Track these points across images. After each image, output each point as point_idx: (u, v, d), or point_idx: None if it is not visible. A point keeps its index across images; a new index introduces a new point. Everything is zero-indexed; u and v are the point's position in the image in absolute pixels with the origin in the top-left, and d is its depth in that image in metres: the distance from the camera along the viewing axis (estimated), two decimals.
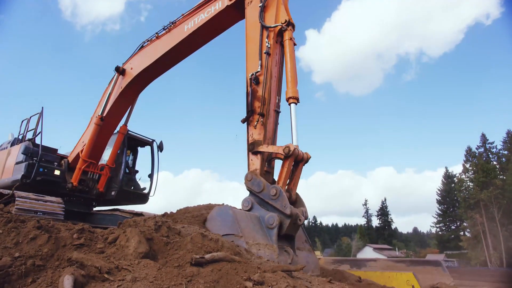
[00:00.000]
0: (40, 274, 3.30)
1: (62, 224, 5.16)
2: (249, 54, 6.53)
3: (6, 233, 3.71)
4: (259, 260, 5.07)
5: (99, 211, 10.66)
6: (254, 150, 6.05)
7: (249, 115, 6.23)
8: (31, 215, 7.54)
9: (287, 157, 5.72)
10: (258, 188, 5.75)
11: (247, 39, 6.69)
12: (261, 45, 6.29)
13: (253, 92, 6.21)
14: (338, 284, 4.62)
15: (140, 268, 3.49)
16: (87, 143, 9.15)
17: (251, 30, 6.66)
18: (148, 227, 4.55)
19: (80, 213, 9.97)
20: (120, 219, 9.76)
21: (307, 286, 4.23)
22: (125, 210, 9.99)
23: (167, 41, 8.26)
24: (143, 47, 8.87)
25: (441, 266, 12.06)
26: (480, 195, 48.05)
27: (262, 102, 6.14)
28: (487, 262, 46.41)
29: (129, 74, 9.00)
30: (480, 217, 49.39)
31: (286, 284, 3.83)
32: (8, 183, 8.78)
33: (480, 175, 49.29)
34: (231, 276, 3.71)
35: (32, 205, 7.92)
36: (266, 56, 6.23)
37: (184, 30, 7.90)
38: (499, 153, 55.76)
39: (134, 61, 9.03)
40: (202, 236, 4.53)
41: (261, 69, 6.21)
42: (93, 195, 9.80)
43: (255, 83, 6.19)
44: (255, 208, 5.78)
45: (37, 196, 8.13)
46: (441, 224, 65.65)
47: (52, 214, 8.13)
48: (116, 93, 9.06)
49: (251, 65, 6.43)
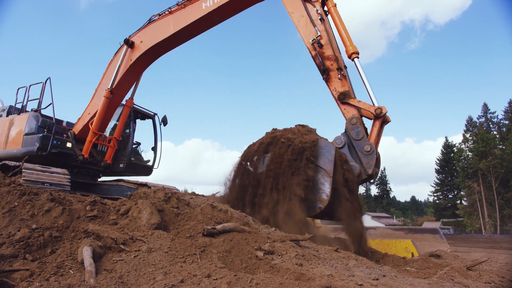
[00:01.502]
0: (58, 245, 3.39)
1: (73, 196, 5.26)
2: (300, 24, 7.08)
3: (22, 205, 3.78)
4: (267, 230, 5.20)
5: (104, 181, 10.80)
6: (345, 100, 6.56)
7: (326, 73, 6.82)
8: (38, 186, 7.68)
9: (378, 117, 6.23)
10: (356, 136, 6.27)
11: (290, 12, 7.22)
12: (309, 15, 6.98)
13: (320, 54, 6.84)
14: (344, 252, 4.76)
15: (154, 239, 3.58)
16: (97, 116, 9.01)
17: (291, 5, 7.24)
18: (158, 199, 4.63)
19: (86, 184, 10.11)
20: (125, 190, 9.91)
21: (315, 255, 4.36)
22: (129, 180, 10.12)
23: (182, 18, 8.22)
24: (154, 21, 8.72)
25: (439, 233, 12.38)
26: (479, 164, 48.51)
27: (334, 60, 6.79)
28: (481, 229, 47.73)
29: (139, 47, 8.88)
30: (477, 186, 50.19)
31: (296, 253, 3.96)
32: (17, 154, 8.68)
33: (480, 145, 49.44)
34: (242, 246, 3.82)
35: (39, 176, 7.99)
36: (322, 22, 6.92)
37: (202, 8, 7.90)
38: (499, 123, 55.69)
39: (144, 34, 8.87)
40: (212, 207, 4.62)
41: (322, 33, 6.82)
42: (101, 167, 9.87)
43: (319, 46, 6.82)
44: (344, 149, 6.28)
45: (44, 167, 8.19)
46: (438, 193, 66.77)
47: (59, 185, 8.22)
48: (125, 66, 8.94)
49: (305, 32, 7.01)
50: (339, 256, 4.54)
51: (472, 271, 4.98)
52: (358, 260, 4.52)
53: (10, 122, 9.26)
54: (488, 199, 49.16)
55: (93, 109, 9.31)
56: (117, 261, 3.05)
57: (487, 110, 56.12)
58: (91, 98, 9.59)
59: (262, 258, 3.65)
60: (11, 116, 9.46)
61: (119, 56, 9.07)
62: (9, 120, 9.32)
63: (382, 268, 4.06)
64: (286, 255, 3.83)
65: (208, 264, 3.19)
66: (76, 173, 9.59)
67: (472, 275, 4.71)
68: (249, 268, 3.47)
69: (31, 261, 3.01)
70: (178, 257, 3.29)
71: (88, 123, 9.27)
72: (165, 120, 10.94)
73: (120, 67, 8.93)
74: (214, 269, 3.06)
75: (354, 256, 4.69)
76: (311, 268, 3.67)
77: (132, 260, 3.08)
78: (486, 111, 56.04)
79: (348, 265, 4.22)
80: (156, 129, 11.28)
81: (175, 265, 3.13)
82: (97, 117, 9.00)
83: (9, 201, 3.82)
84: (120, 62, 8.89)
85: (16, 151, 8.71)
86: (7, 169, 8.60)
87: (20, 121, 9.04)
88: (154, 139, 11.37)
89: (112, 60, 9.40)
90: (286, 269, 3.42)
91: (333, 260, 4.35)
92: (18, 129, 8.99)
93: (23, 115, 9.12)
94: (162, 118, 10.99)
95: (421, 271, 5.41)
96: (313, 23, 6.92)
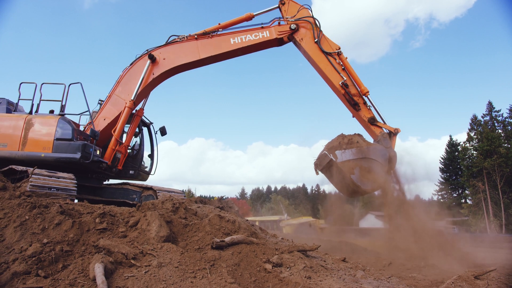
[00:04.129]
0: (69, 259, 3.43)
1: (81, 205, 5.29)
2: (327, 70, 9.40)
3: (32, 219, 3.82)
4: (274, 239, 5.22)
5: (110, 185, 10.88)
6: (374, 122, 9.23)
7: (355, 106, 9.27)
8: (45, 191, 7.71)
9: (395, 134, 9.24)
10: (386, 144, 8.94)
11: (318, 62, 9.48)
12: (332, 63, 9.39)
13: (348, 93, 9.26)
14: (351, 263, 4.76)
15: (164, 253, 3.61)
16: (120, 125, 9.20)
17: (316, 55, 9.49)
18: (166, 209, 4.66)
19: (92, 188, 10.18)
20: (130, 193, 9.98)
21: (322, 266, 4.38)
22: (135, 184, 10.20)
23: (210, 47, 9.56)
24: (177, 42, 9.65)
25: None
26: (484, 163, 48.21)
27: (359, 95, 9.32)
28: (486, 228, 47.45)
29: (163, 64, 9.54)
30: (482, 185, 49.87)
31: (304, 265, 3.97)
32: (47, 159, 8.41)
33: (485, 143, 49.13)
34: (251, 259, 3.85)
35: (46, 181, 7.99)
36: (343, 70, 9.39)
37: (230, 43, 9.50)
38: (505, 121, 55.21)
39: (166, 52, 9.56)
40: (219, 218, 4.64)
41: (347, 77, 9.30)
42: (113, 172, 9.96)
43: (346, 87, 9.26)
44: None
45: (50, 172, 8.17)
46: (443, 192, 66.44)
47: (65, 190, 8.22)
48: (147, 80, 9.44)
49: (334, 77, 9.35)
50: (346, 266, 4.56)
51: (480, 280, 4.96)
52: (365, 270, 4.53)
53: (28, 122, 8.74)
54: (493, 198, 48.90)
55: (108, 114, 9.43)
56: (128, 277, 3.08)
57: (492, 109, 55.66)
58: (104, 103, 9.62)
59: (271, 271, 3.67)
60: (26, 115, 8.93)
61: (138, 68, 9.49)
62: (25, 120, 8.77)
63: (390, 280, 4.06)
64: (294, 267, 3.85)
65: (218, 279, 3.21)
66: (82, 177, 9.65)
67: (480, 285, 4.70)
68: (258, 282, 3.50)
69: (44, 278, 3.05)
70: (188, 272, 3.32)
71: (107, 129, 9.35)
72: (163, 130, 11.05)
73: (143, 80, 9.41)
74: (224, 285, 3.08)
75: (361, 266, 4.70)
76: (319, 281, 3.69)
77: (143, 276, 3.11)
78: (491, 110, 55.60)
79: (356, 276, 4.23)
80: (152, 137, 11.37)
81: (186, 280, 3.15)
82: (120, 126, 9.22)
83: (20, 214, 3.86)
84: (143, 76, 9.29)
85: (45, 155, 8.44)
86: (12, 173, 8.60)
87: (46, 124, 8.70)
88: (151, 146, 11.46)
89: (129, 69, 9.64)
90: (295, 283, 3.44)
91: (340, 270, 4.36)
92: (43, 131, 8.62)
93: (48, 117, 8.84)
94: (161, 129, 11.09)
95: (428, 279, 5.41)
96: (337, 71, 9.29)
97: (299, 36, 9.64)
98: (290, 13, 9.80)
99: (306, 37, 9.60)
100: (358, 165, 8.38)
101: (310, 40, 9.57)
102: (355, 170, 8.36)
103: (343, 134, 9.20)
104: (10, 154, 8.51)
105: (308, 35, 9.61)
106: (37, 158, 8.47)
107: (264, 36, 9.49)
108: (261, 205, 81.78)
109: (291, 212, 72.29)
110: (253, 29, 9.54)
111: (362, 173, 8.39)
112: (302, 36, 9.64)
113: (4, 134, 8.66)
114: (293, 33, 9.60)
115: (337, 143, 8.77)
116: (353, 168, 8.35)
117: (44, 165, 8.29)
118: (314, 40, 9.49)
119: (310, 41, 9.56)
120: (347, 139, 8.86)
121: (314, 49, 9.54)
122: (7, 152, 8.54)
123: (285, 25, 9.60)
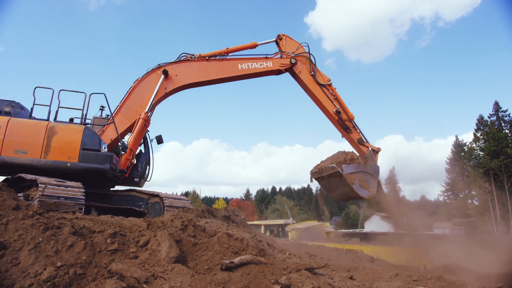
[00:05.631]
0: (82, 283, 3.51)
1: (91, 220, 5.38)
2: (322, 99, 11.08)
3: (46, 241, 3.91)
4: (282, 255, 5.29)
5: (116, 191, 11.01)
6: (362, 143, 11.24)
7: (347, 129, 11.20)
8: (54, 201, 7.77)
9: (377, 152, 11.32)
10: (372, 160, 10.98)
11: (315, 92, 11.07)
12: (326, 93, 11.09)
13: (341, 118, 11.11)
14: (358, 280, 4.80)
15: (175, 275, 3.68)
16: (135, 135, 9.54)
17: (312, 86, 11.12)
18: (175, 228, 4.73)
19: (99, 195, 10.30)
20: (137, 200, 10.09)
21: (330, 284, 4.43)
22: (141, 190, 10.33)
23: (219, 70, 10.55)
24: (189, 60, 10.47)
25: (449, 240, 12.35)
26: (491, 164, 47.83)
27: (349, 120, 11.20)
28: (494, 229, 47.09)
29: (175, 80, 10.23)
30: (489, 186, 49.49)
31: (312, 285, 4.02)
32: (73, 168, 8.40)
33: (491, 144, 48.76)
34: (260, 280, 3.91)
35: (55, 191, 7.99)
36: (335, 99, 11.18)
37: (238, 68, 10.64)
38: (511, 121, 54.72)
39: (178, 69, 10.29)
40: (228, 236, 4.71)
41: (338, 106, 11.06)
42: (120, 180, 10.12)
43: (338, 114, 11.06)
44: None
45: (59, 181, 8.16)
46: (449, 192, 66.01)
47: (74, 199, 8.26)
48: (160, 93, 10.00)
49: (328, 105, 11.09)
50: (353, 284, 4.60)
51: None
52: None
53: (50, 129, 8.51)
54: (500, 199, 48.51)
55: (120, 125, 9.68)
56: None
57: (499, 109, 55.11)
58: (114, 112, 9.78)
59: None
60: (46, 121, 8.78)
61: (150, 81, 9.98)
62: (46, 126, 8.54)
63: None
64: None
65: None
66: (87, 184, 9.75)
67: None
68: None
69: None
70: None
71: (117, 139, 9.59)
72: (160, 139, 11.20)
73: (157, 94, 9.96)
74: None
75: (368, 284, 4.74)
76: None
77: None
78: (498, 110, 55.05)
79: None
80: (148, 144, 11.48)
81: None
82: (134, 136, 9.60)
83: (34, 236, 3.95)
84: (157, 90, 9.79)
85: (71, 165, 8.39)
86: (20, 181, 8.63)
87: (71, 132, 8.62)
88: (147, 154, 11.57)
89: (140, 81, 10.05)
90: None
91: None
92: (68, 140, 8.53)
93: (72, 126, 8.85)
94: (158, 137, 11.23)
95: None
96: (330, 100, 11.08)
97: (297, 69, 11.16)
98: (287, 47, 11.31)
99: (303, 70, 11.17)
100: (358, 177, 10.27)
101: (307, 73, 11.16)
102: (356, 180, 10.21)
103: (345, 151, 11.09)
104: (32, 162, 8.30)
105: (304, 69, 11.19)
106: (62, 167, 8.39)
107: (267, 66, 10.87)
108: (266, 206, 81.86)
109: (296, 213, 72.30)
110: (258, 58, 10.88)
111: (361, 183, 10.29)
112: (300, 69, 11.19)
113: (23, 140, 8.37)
114: (291, 67, 11.08)
115: (342, 159, 10.37)
116: (354, 179, 10.20)
117: (67, 174, 8.25)
118: (310, 73, 11.11)
119: (307, 74, 11.15)
120: (350, 156, 10.60)
121: (311, 81, 11.12)
122: (28, 160, 8.31)
123: (286, 58, 11.05)
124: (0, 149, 8.21)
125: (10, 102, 9.11)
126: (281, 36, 11.44)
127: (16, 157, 8.27)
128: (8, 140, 8.25)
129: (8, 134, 8.27)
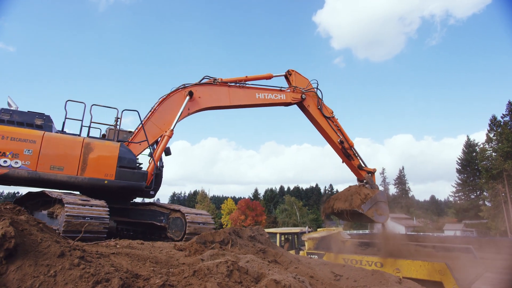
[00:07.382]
0: None
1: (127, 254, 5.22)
2: (328, 131, 12.29)
3: None
4: None
5: (137, 205, 10.95)
6: (362, 168, 12.39)
7: (349, 157, 12.37)
8: (80, 221, 7.59)
9: (373, 173, 12.50)
10: (371, 182, 12.28)
11: (321, 123, 12.26)
12: (331, 125, 12.31)
13: (344, 148, 12.28)
14: None
15: None
16: (159, 151, 9.63)
17: (319, 119, 12.28)
18: (221, 274, 4.63)
19: (120, 209, 10.23)
20: (158, 215, 9.96)
21: None
22: (161, 204, 10.26)
23: (238, 96, 11.32)
24: (212, 84, 11.00)
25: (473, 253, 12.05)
26: (504, 165, 47.09)
27: (350, 148, 12.42)
28: (507, 232, 46.43)
29: (198, 102, 10.66)
30: (502, 187, 48.77)
31: None
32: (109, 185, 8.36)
33: (505, 144, 47.96)
34: None
35: (80, 210, 7.84)
36: (339, 130, 12.42)
37: (255, 97, 11.57)
38: None
39: (202, 91, 10.74)
40: (275, 283, 4.59)
41: (342, 136, 12.30)
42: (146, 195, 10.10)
43: (342, 143, 12.26)
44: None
45: (84, 201, 7.97)
46: (460, 193, 65.26)
47: (99, 218, 8.10)
48: (185, 113, 10.27)
49: (333, 135, 12.27)
50: None
51: None
52: None
53: (86, 146, 8.37)
54: None
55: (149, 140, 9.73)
56: None
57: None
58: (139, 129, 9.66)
59: None
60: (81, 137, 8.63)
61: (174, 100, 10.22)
62: (82, 143, 8.37)
63: None
64: None
65: None
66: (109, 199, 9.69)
67: None
68: None
69: None
70: None
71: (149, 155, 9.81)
72: (168, 151, 11.05)
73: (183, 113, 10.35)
74: None
75: None
76: None
77: None
78: (511, 110, 54.17)
79: None
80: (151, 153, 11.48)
81: None
82: (159, 152, 9.66)
83: None
84: (182, 110, 10.08)
85: (108, 182, 8.35)
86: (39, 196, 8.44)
87: (106, 150, 8.53)
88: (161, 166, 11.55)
89: (165, 99, 10.16)
90: None
91: None
92: (104, 157, 8.46)
93: (107, 143, 8.76)
94: (166, 149, 11.13)
95: None
96: (335, 131, 12.32)
97: (306, 103, 12.28)
98: (296, 82, 12.33)
99: (311, 104, 12.38)
100: (375, 209, 11.59)
101: (315, 106, 12.39)
102: (373, 212, 11.53)
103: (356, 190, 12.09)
104: (69, 179, 8.08)
105: (313, 103, 12.37)
106: (100, 184, 8.28)
107: (281, 98, 11.94)
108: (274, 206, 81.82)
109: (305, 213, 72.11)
110: (274, 90, 11.91)
111: (378, 212, 11.61)
112: (309, 103, 12.33)
113: (59, 156, 8.11)
114: (301, 101, 12.24)
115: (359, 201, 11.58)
116: (373, 212, 11.51)
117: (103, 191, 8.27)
118: (317, 107, 12.34)
119: (315, 108, 12.37)
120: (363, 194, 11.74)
121: (318, 114, 12.32)
122: (65, 176, 8.08)
123: (297, 93, 12.16)
124: (35, 165, 7.89)
125: (41, 114, 8.75)
126: (290, 72, 12.48)
127: (53, 173, 7.96)
128: (44, 156, 7.93)
129: (43, 150, 7.95)
